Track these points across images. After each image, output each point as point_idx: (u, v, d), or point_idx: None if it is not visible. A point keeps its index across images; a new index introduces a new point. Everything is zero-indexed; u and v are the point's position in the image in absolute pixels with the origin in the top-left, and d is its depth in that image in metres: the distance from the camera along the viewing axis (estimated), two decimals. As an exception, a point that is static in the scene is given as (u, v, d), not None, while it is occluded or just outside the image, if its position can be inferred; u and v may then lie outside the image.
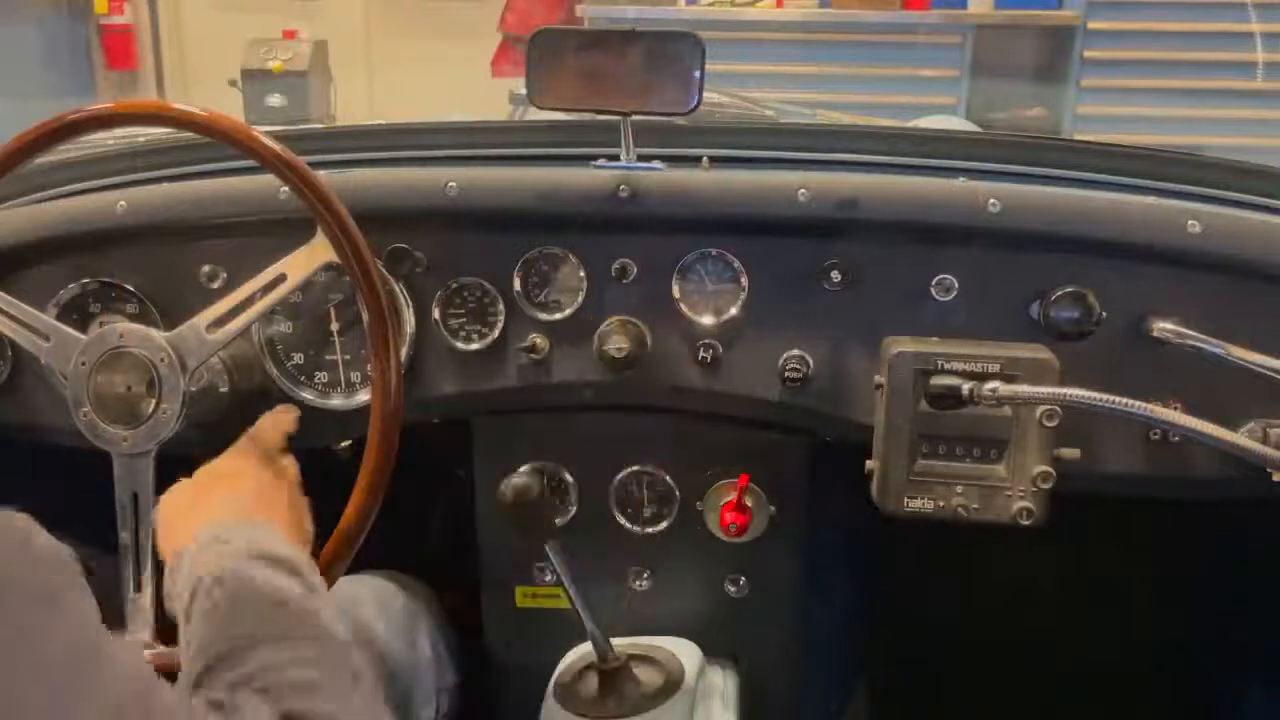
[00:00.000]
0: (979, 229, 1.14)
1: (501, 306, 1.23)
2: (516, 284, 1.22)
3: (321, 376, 1.27)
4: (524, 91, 1.17)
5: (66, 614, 0.61)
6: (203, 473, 1.08)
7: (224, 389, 1.20)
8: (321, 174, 1.07)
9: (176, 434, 1.10)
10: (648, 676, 1.22)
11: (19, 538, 0.61)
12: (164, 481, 1.10)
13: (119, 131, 1.32)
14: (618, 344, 1.18)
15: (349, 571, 1.08)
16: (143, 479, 1.09)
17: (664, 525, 1.29)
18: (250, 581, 0.84)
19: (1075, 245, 1.14)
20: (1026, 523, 1.06)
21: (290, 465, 1.12)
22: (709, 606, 1.32)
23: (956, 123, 2.98)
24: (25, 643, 0.58)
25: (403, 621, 1.29)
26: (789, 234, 1.19)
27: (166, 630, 1.09)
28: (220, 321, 1.09)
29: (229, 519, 0.97)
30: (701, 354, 1.21)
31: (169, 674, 1.05)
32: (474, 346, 1.24)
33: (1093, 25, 4.39)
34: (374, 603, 1.28)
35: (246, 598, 0.83)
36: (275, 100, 4.58)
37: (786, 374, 1.19)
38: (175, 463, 1.11)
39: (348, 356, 1.26)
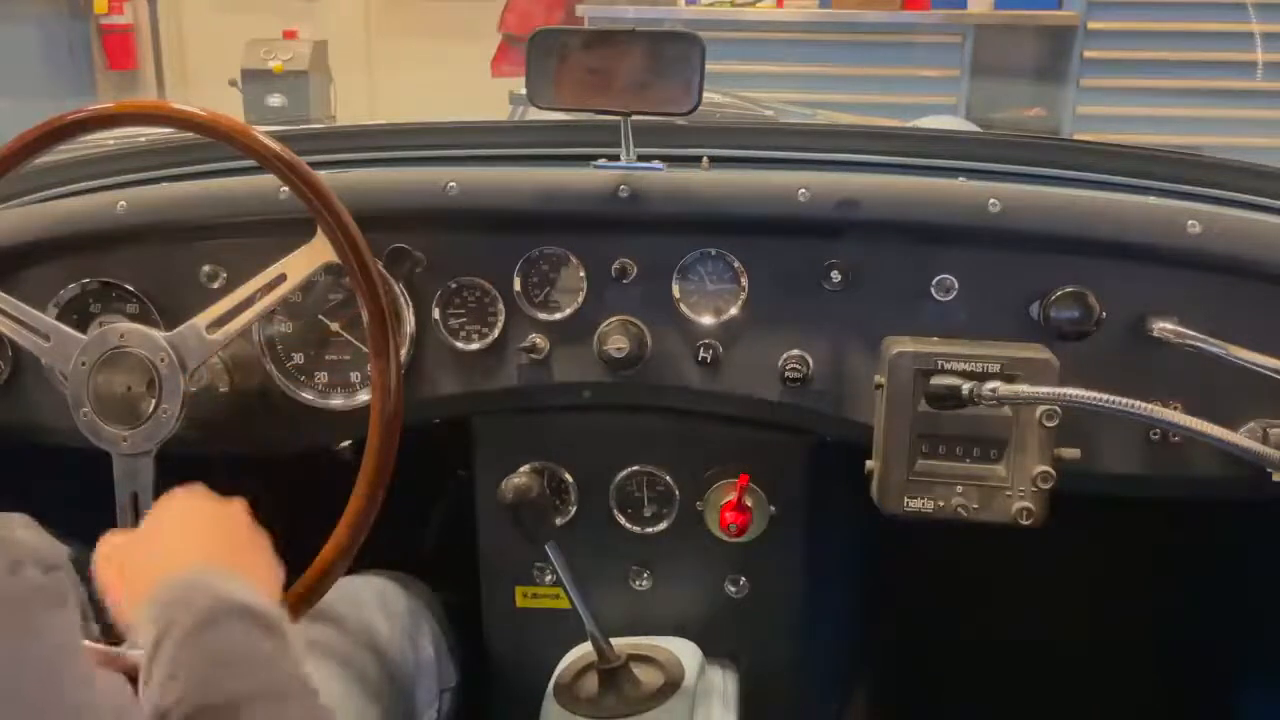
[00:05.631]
0: (979, 229, 1.14)
1: (501, 306, 1.23)
2: (516, 284, 1.22)
3: (321, 376, 1.27)
4: (524, 91, 1.17)
5: (43, 637, 0.61)
6: (151, 518, 0.97)
7: (224, 389, 1.20)
8: (321, 174, 1.07)
9: (176, 434, 1.10)
10: (648, 676, 1.22)
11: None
12: (164, 482, 1.10)
13: (119, 131, 1.32)
14: (618, 344, 1.18)
15: (350, 571, 1.08)
16: (143, 479, 1.09)
17: (664, 525, 1.29)
18: (231, 635, 0.79)
19: (1075, 245, 1.14)
20: (1026, 523, 1.06)
21: (239, 504, 1.00)
22: (709, 606, 1.32)
23: (956, 123, 2.98)
24: None
25: (406, 622, 1.29)
26: (789, 234, 1.19)
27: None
28: (220, 321, 1.09)
29: (195, 567, 0.87)
30: (701, 354, 1.21)
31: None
32: (474, 346, 1.24)
33: (1093, 25, 4.39)
34: (377, 603, 1.28)
35: (230, 653, 0.78)
36: (275, 100, 4.58)
37: (786, 374, 1.19)
38: (175, 463, 1.11)
39: (348, 356, 1.26)
